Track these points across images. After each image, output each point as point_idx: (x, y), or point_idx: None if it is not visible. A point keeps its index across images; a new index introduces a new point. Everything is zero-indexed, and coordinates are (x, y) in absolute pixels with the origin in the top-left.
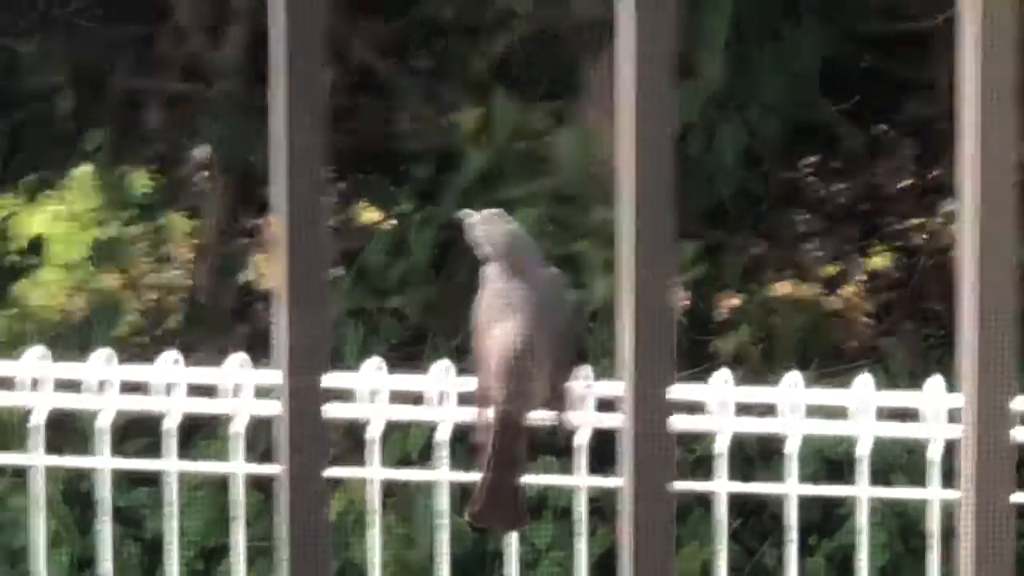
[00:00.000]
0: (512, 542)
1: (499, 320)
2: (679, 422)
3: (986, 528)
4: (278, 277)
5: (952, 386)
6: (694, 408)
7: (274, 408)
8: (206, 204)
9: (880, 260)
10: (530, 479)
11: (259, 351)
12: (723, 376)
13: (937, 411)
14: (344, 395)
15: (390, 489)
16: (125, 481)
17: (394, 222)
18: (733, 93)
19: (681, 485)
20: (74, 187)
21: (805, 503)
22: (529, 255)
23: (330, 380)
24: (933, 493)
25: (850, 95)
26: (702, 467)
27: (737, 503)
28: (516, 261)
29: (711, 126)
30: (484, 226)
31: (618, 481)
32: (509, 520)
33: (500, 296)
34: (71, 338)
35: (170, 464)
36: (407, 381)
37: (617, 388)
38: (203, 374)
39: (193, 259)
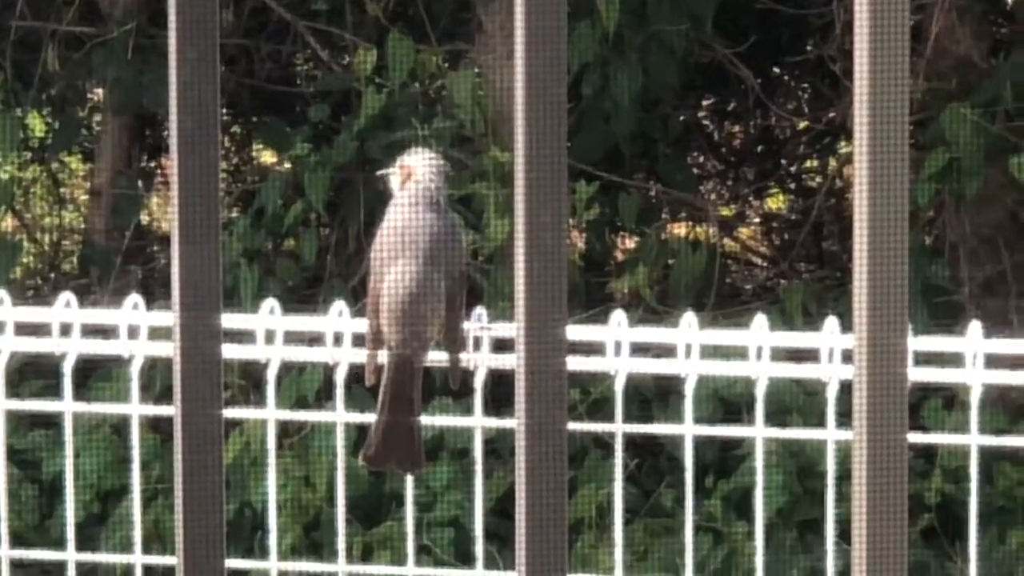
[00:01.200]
0: (408, 484)
1: (395, 260)
2: (575, 363)
3: (879, 467)
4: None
5: (848, 327)
6: (591, 350)
7: (170, 349)
8: (101, 146)
9: (776, 202)
10: (426, 421)
11: (154, 293)
12: (619, 317)
13: (833, 351)
14: (240, 336)
15: (286, 430)
16: (21, 424)
17: (289, 164)
18: (629, 34)
19: (578, 426)
20: None
21: (702, 444)
22: (439, 196)
23: (226, 321)
24: (829, 434)
25: (745, 36)
26: (599, 409)
27: (633, 444)
28: (427, 198)
29: (607, 67)
30: (411, 157)
31: (514, 422)
32: (405, 462)
33: (398, 234)
34: None
35: (66, 406)
36: (303, 322)
37: (513, 330)
38: (98, 315)
39: (88, 201)
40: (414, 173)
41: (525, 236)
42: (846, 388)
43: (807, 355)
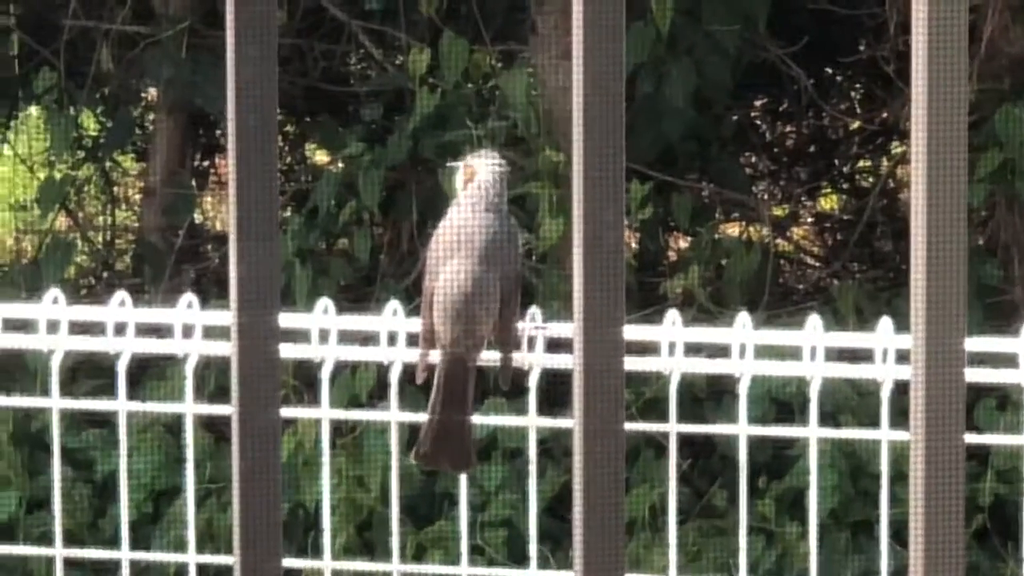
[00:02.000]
0: (462, 484)
1: (451, 259)
2: (630, 363)
3: (937, 468)
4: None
5: (901, 327)
6: (644, 349)
7: (224, 348)
8: (155, 146)
9: (829, 202)
10: (479, 421)
11: (208, 293)
12: (673, 317)
13: (887, 352)
14: (294, 336)
15: (339, 430)
16: (75, 423)
17: (343, 164)
18: (682, 34)
19: (631, 426)
20: (23, 129)
21: (755, 444)
22: (500, 199)
23: (280, 320)
24: (883, 434)
25: (798, 37)
26: (652, 409)
27: (687, 444)
28: (488, 200)
29: (660, 67)
30: (476, 159)
31: (568, 422)
32: (457, 462)
33: (456, 234)
34: (20, 280)
35: (120, 405)
36: (357, 321)
37: (567, 329)
38: (153, 314)
39: (141, 201)
40: (477, 174)
41: (583, 236)
42: (900, 388)
43: (861, 355)
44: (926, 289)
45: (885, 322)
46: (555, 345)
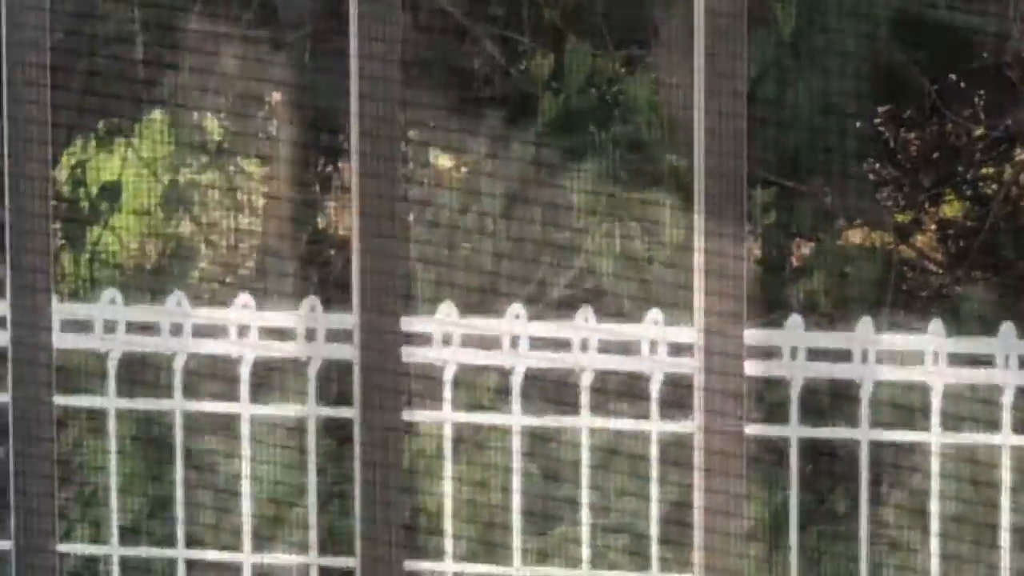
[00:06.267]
0: (583, 488)
1: None
2: (752, 368)
3: None
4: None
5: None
6: (768, 354)
7: (347, 352)
8: (278, 150)
9: (952, 209)
10: (601, 425)
11: (331, 297)
12: (795, 322)
13: (1008, 357)
14: (416, 339)
15: (461, 434)
16: (198, 426)
17: (465, 169)
18: (805, 41)
19: (753, 430)
20: (147, 133)
21: (876, 449)
22: None
23: (403, 324)
24: (1004, 439)
25: (921, 44)
26: (773, 413)
27: (807, 449)
28: None
29: (783, 74)
30: None
31: (690, 426)
32: None
33: None
34: (145, 284)
35: (243, 408)
36: (480, 325)
37: (689, 335)
38: (276, 318)
39: (265, 205)
40: None
41: (705, 241)
42: (1022, 393)
43: (982, 361)
44: None
45: (1007, 327)
46: (676, 350)
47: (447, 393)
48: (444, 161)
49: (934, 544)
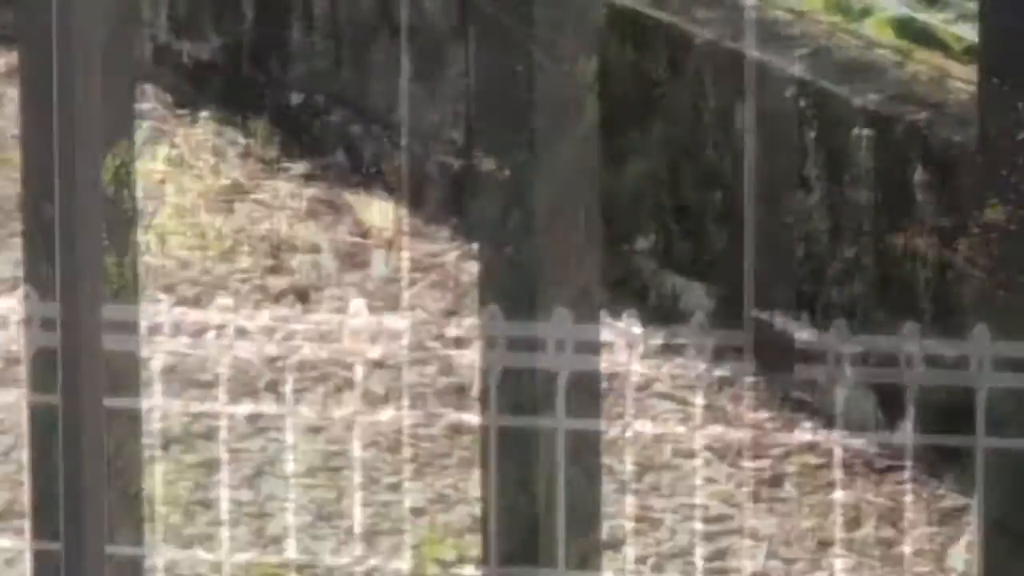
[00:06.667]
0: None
1: None
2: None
3: None
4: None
5: None
6: (809, 356)
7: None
8: (325, 155)
9: (994, 212)
10: (639, 428)
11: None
12: (839, 325)
13: None
14: (460, 342)
15: (505, 437)
16: (242, 427)
17: (509, 172)
18: None
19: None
20: (192, 136)
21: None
22: None
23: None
24: None
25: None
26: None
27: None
28: None
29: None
30: None
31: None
32: None
33: None
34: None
35: (285, 409)
36: (525, 328)
37: (736, 337)
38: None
39: (308, 208)
40: None
41: (754, 242)
42: None
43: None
44: None
45: None
46: (721, 351)
47: (492, 396)
48: (487, 163)
49: (976, 549)
